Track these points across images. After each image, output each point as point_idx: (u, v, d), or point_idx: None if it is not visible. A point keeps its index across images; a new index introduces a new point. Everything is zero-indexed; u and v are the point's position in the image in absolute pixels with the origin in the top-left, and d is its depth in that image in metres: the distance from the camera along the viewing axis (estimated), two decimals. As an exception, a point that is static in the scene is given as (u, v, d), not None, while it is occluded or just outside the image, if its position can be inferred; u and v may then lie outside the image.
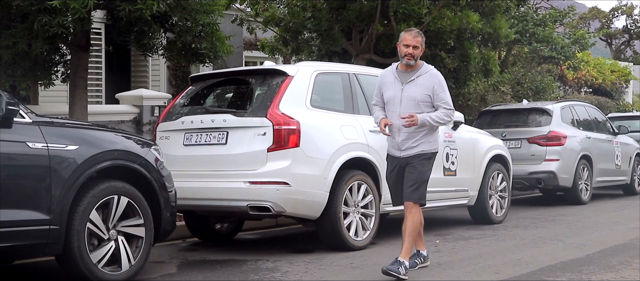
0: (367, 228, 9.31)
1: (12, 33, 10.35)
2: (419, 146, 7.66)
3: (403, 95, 7.65)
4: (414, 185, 7.58)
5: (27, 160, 6.54)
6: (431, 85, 7.65)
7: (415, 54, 7.63)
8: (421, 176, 7.63)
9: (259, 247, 9.91)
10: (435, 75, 7.74)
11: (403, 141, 7.68)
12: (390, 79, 7.81)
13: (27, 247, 6.60)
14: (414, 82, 7.66)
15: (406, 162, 7.68)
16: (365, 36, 15.09)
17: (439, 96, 7.66)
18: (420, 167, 7.63)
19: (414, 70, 7.71)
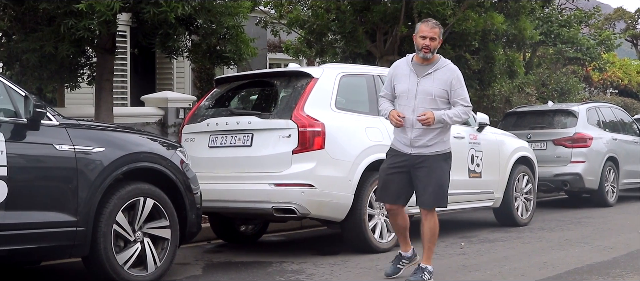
0: (392, 230, 9.27)
1: (38, 36, 10.45)
2: (435, 145, 7.25)
3: (419, 88, 7.21)
4: (435, 189, 7.23)
5: (54, 162, 6.59)
6: (449, 80, 7.23)
7: (432, 46, 7.21)
8: (442, 179, 7.28)
9: (284, 249, 9.92)
10: (454, 69, 7.33)
11: (417, 137, 7.23)
12: (404, 71, 7.35)
13: (54, 248, 6.64)
14: (431, 75, 7.23)
15: (418, 162, 7.25)
16: (389, 38, 15.08)
17: (456, 92, 7.25)
18: (440, 169, 7.26)
19: (431, 64, 7.28)
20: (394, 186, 7.35)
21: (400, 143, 7.34)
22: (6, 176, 6.22)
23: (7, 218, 6.22)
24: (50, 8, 9.84)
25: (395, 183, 7.35)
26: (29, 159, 6.47)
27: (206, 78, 19.17)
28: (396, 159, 7.36)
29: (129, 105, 17.29)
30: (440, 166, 7.26)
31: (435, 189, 7.23)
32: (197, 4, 10.26)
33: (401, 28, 14.23)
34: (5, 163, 6.24)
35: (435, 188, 7.23)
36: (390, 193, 7.41)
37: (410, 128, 7.23)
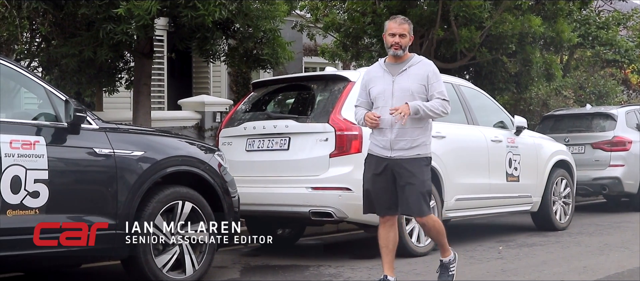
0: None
1: (77, 41, 10.53)
2: (416, 148, 6.81)
3: (395, 87, 6.84)
4: (420, 198, 6.77)
5: (94, 166, 6.66)
6: (425, 74, 6.88)
7: (402, 42, 6.86)
8: (425, 186, 6.81)
9: (321, 253, 9.93)
10: (429, 64, 6.99)
11: (397, 139, 6.80)
12: (378, 73, 7.00)
13: (94, 251, 6.69)
14: (406, 72, 6.89)
15: (398, 166, 6.80)
16: (425, 41, 15.01)
17: (433, 86, 6.88)
18: (421, 175, 6.79)
19: (404, 61, 6.94)
20: (382, 195, 6.88)
21: (379, 147, 6.90)
22: (47, 179, 6.30)
23: (47, 221, 6.28)
24: (89, 13, 9.92)
25: (382, 192, 6.88)
26: (69, 163, 6.54)
27: (242, 82, 19.22)
28: (377, 165, 6.89)
29: (166, 109, 17.39)
30: (422, 171, 6.82)
31: (420, 198, 6.77)
32: (234, 7, 10.29)
33: (437, 31, 14.16)
34: (46, 167, 6.31)
35: (420, 196, 6.78)
36: (380, 204, 6.92)
37: (389, 129, 6.82)
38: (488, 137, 10.37)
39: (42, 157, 6.30)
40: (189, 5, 9.65)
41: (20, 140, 6.24)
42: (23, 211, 6.20)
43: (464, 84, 11.00)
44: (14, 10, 10.10)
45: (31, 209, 6.24)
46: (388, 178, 6.85)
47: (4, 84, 7.57)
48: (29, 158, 6.24)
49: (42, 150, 6.32)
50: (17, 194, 6.17)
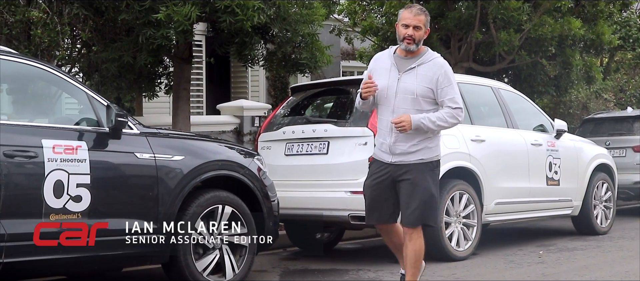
0: (469, 238, 9.21)
1: (118, 46, 10.64)
2: (419, 152, 6.19)
3: (399, 86, 6.17)
4: (420, 205, 6.15)
5: (136, 170, 6.72)
6: (435, 76, 6.16)
7: (416, 36, 6.14)
8: (426, 193, 6.18)
9: (360, 257, 9.91)
10: (441, 64, 6.23)
11: (397, 143, 6.20)
12: (385, 65, 6.30)
13: (135, 255, 6.75)
14: (414, 71, 6.18)
15: (400, 172, 6.21)
16: (464, 44, 14.97)
17: (444, 91, 6.16)
18: (424, 181, 6.17)
19: (415, 57, 6.23)
20: (383, 203, 6.34)
21: (381, 151, 6.34)
22: (89, 184, 6.36)
23: (89, 226, 6.35)
24: (129, 19, 10.01)
25: (383, 200, 6.33)
26: (111, 167, 6.61)
27: (280, 86, 19.28)
28: (379, 172, 6.33)
29: (204, 113, 17.49)
30: (425, 177, 6.19)
31: (420, 205, 6.16)
32: (272, 12, 10.33)
33: (476, 34, 14.11)
34: (88, 172, 6.38)
35: (420, 204, 6.16)
36: (381, 212, 6.38)
37: (389, 133, 6.23)
38: (528, 141, 10.31)
39: (84, 162, 6.37)
40: (228, 10, 9.69)
41: (62, 145, 6.30)
42: (65, 215, 6.27)
43: (503, 87, 10.94)
44: (55, 16, 10.22)
45: (74, 213, 6.30)
46: (388, 185, 6.28)
47: (46, 90, 7.70)
48: (71, 163, 6.30)
49: (84, 154, 6.39)
50: (60, 198, 6.24)
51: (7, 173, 6.02)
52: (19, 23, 10.14)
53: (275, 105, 15.76)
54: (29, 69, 6.76)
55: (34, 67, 6.76)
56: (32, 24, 10.11)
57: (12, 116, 6.93)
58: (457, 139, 9.21)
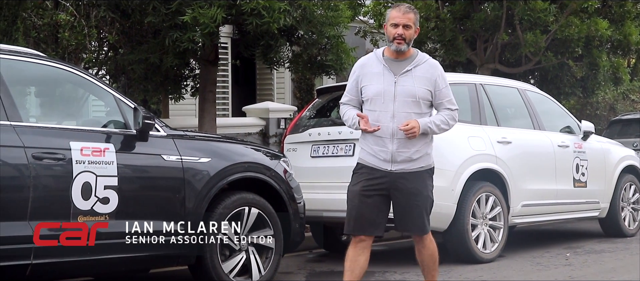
0: (496, 240, 9.17)
1: (144, 49, 10.71)
2: (421, 159, 5.91)
3: (397, 89, 5.84)
4: (426, 213, 5.97)
5: (163, 173, 6.76)
6: (433, 78, 5.92)
7: (406, 35, 5.82)
8: (429, 200, 5.99)
9: (386, 259, 9.90)
10: (437, 65, 6.01)
11: (400, 150, 5.84)
12: (376, 69, 5.93)
13: (162, 257, 6.81)
14: (411, 73, 5.88)
15: (400, 180, 5.86)
16: (489, 45, 14.92)
17: (442, 92, 5.97)
18: (425, 189, 5.94)
19: (408, 59, 5.93)
20: (371, 213, 5.92)
21: (377, 159, 5.90)
22: (117, 186, 6.41)
23: (117, 227, 6.40)
24: (156, 21, 10.06)
25: (376, 210, 5.92)
26: (138, 169, 6.66)
27: (306, 88, 19.29)
28: (373, 180, 5.90)
29: (230, 115, 17.53)
30: (425, 185, 5.96)
31: (426, 212, 5.99)
32: (298, 14, 10.35)
33: (502, 35, 14.05)
34: (115, 174, 6.43)
35: (426, 212, 5.99)
36: (367, 223, 5.94)
37: (391, 139, 5.84)
38: (555, 142, 10.26)
39: (111, 164, 6.41)
40: (254, 13, 9.72)
41: (90, 147, 6.36)
42: (93, 217, 6.31)
43: (529, 89, 10.89)
44: (83, 19, 10.31)
45: (101, 215, 6.35)
46: (382, 194, 5.91)
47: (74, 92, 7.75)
48: (99, 165, 6.35)
49: (112, 157, 6.44)
50: (88, 200, 6.29)
51: (35, 175, 6.08)
52: (46, 26, 10.25)
53: (300, 107, 15.78)
54: (57, 71, 6.83)
55: (62, 70, 6.83)
56: (59, 27, 10.21)
57: (41, 118, 7.01)
58: (484, 141, 9.19)
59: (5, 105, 6.12)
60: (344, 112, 6.08)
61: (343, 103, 6.11)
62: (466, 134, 9.10)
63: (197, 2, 9.62)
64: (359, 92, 6.00)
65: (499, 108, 9.82)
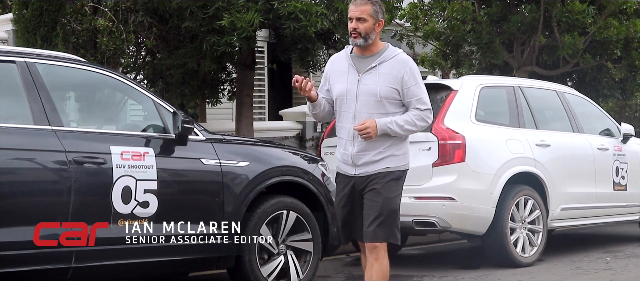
0: (534, 244, 9.11)
1: (182, 53, 10.77)
2: (383, 161, 5.44)
3: (360, 88, 5.42)
4: (378, 218, 5.38)
5: (202, 176, 6.79)
6: (399, 75, 5.40)
7: (361, 28, 5.36)
8: (388, 205, 5.40)
9: (424, 263, 9.87)
10: (405, 61, 5.46)
11: (359, 153, 5.44)
12: (342, 67, 5.54)
13: (201, 260, 6.84)
14: (375, 70, 5.42)
15: (364, 184, 5.47)
16: (526, 48, 14.81)
17: (410, 90, 5.43)
18: (386, 191, 5.41)
19: (374, 55, 5.46)
20: (356, 220, 5.57)
21: (343, 164, 5.58)
22: (156, 190, 6.44)
23: (157, 231, 6.44)
24: (194, 26, 10.12)
25: (355, 216, 5.57)
26: (177, 174, 6.69)
27: (342, 91, 19.24)
28: (344, 187, 5.58)
29: (266, 119, 17.57)
30: (387, 187, 5.42)
31: (384, 218, 5.40)
32: (335, 18, 10.36)
33: (539, 37, 13.94)
34: (155, 178, 6.46)
35: (384, 217, 5.40)
36: (352, 229, 5.64)
37: (351, 141, 5.47)
38: (594, 145, 10.16)
39: (151, 168, 6.45)
40: (291, 16, 9.74)
41: (130, 151, 6.40)
42: (133, 221, 6.35)
43: (568, 91, 10.80)
44: (121, 24, 10.40)
45: (141, 219, 6.39)
46: (356, 199, 5.54)
47: (113, 97, 7.82)
48: (138, 169, 6.39)
49: (151, 161, 6.47)
50: (128, 204, 6.33)
51: (76, 179, 6.12)
52: (85, 31, 10.34)
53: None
54: (97, 76, 6.89)
55: (102, 75, 6.89)
56: (98, 33, 10.30)
57: (81, 123, 7.07)
58: (522, 144, 9.14)
59: (46, 110, 6.18)
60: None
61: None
62: (505, 137, 9.06)
63: (234, 6, 9.66)
64: (328, 90, 5.63)
65: (537, 111, 9.76)
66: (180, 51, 10.88)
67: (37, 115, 6.14)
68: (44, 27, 9.32)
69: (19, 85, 6.20)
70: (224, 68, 11.99)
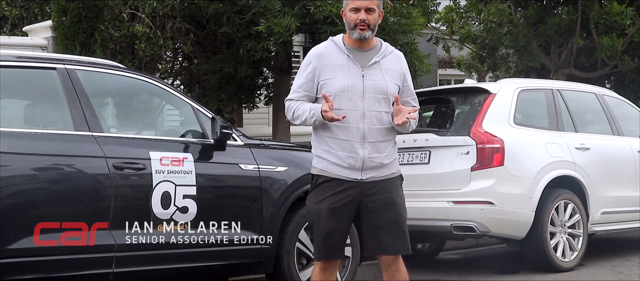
0: (575, 248, 9.01)
1: (219, 59, 10.83)
2: (392, 165, 5.13)
3: (366, 84, 5.00)
4: (398, 228, 5.09)
5: (240, 182, 6.79)
6: (401, 72, 5.16)
7: (370, 20, 4.98)
8: (404, 214, 5.16)
9: (462, 267, 9.81)
10: (403, 57, 5.25)
11: (372, 156, 4.99)
12: (337, 60, 5.05)
13: (240, 265, 6.84)
14: (379, 65, 5.07)
15: (371, 191, 5.03)
16: (564, 50, 14.73)
17: (409, 88, 5.21)
18: (399, 198, 5.14)
19: (373, 48, 5.11)
20: (342, 232, 5.10)
21: (343, 168, 5.02)
22: (195, 195, 6.45)
23: (196, 236, 6.45)
24: (230, 31, 10.16)
25: (343, 229, 5.10)
26: (216, 179, 6.70)
27: (378, 95, 19.22)
28: (341, 193, 5.01)
29: (302, 124, 17.57)
30: (399, 194, 5.17)
31: (403, 228, 5.15)
32: (371, 22, 10.34)
33: (577, 40, 13.85)
34: (194, 183, 6.47)
35: (403, 227, 5.15)
36: (338, 245, 5.12)
37: (361, 143, 4.99)
38: (634, 148, 10.04)
39: (190, 173, 6.46)
40: (327, 21, 9.74)
41: (169, 157, 6.41)
42: (173, 226, 6.37)
43: (607, 94, 10.68)
44: (158, 30, 10.47)
45: (180, 224, 6.40)
46: (351, 210, 5.06)
47: (151, 102, 7.86)
48: (178, 175, 6.40)
49: (190, 166, 6.48)
50: (167, 209, 6.35)
51: (116, 185, 6.16)
52: (123, 38, 10.42)
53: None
54: (136, 82, 6.93)
55: (141, 81, 6.92)
56: (136, 39, 10.38)
57: (120, 129, 7.12)
58: (561, 147, 9.04)
59: (87, 116, 6.22)
60: (294, 108, 5.12)
61: (291, 100, 5.17)
62: (543, 141, 8.98)
63: (271, 11, 9.68)
64: (314, 88, 5.08)
65: (576, 113, 9.66)
66: (217, 56, 10.93)
67: (77, 121, 6.18)
68: (82, 34, 9.41)
69: (59, 92, 6.25)
70: (260, 73, 12.03)
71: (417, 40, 11.71)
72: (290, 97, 5.16)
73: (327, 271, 5.14)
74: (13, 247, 5.71)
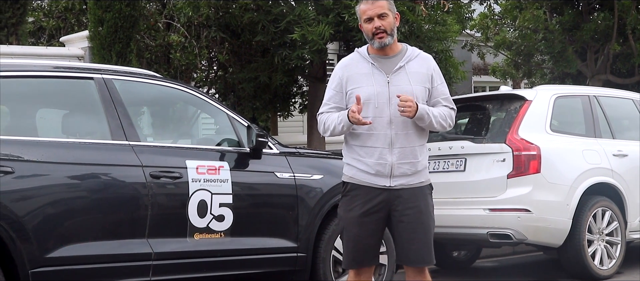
0: (613, 256, 8.91)
1: (253, 67, 10.86)
2: (420, 174, 5.01)
3: (392, 90, 4.91)
4: (425, 239, 4.95)
5: (276, 190, 6.80)
6: (428, 73, 5.04)
7: (386, 25, 4.91)
8: (432, 225, 5.05)
9: (498, 275, 9.75)
10: (430, 59, 5.14)
11: (400, 162, 4.91)
12: (363, 69, 5.00)
13: (276, 274, 6.84)
14: (404, 70, 4.97)
15: (399, 198, 4.93)
16: (600, 56, 14.62)
17: (438, 89, 5.07)
18: (427, 208, 5.00)
19: (398, 54, 5.03)
20: (373, 239, 5.04)
21: (370, 175, 4.96)
22: (231, 203, 6.47)
23: (232, 244, 6.47)
24: (265, 40, 10.20)
25: (376, 239, 5.06)
26: (252, 187, 6.72)
27: (412, 103, 19.18)
28: (371, 201, 4.96)
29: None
30: (428, 204, 5.02)
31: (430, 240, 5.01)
32: (406, 29, 10.34)
33: (614, 45, 13.75)
34: (230, 191, 6.49)
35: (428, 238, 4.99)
36: (371, 252, 5.07)
37: (389, 149, 4.92)
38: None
39: (226, 182, 6.48)
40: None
41: (205, 165, 6.44)
42: (209, 234, 6.40)
43: (645, 100, 10.58)
44: (193, 39, 10.53)
45: (217, 232, 6.43)
46: (380, 218, 4.99)
47: (186, 111, 7.90)
48: (214, 183, 6.43)
49: (227, 175, 6.51)
50: (204, 218, 6.37)
51: (153, 193, 6.19)
52: (159, 47, 10.51)
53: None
54: (172, 91, 6.97)
55: (177, 90, 6.96)
56: (171, 48, 10.45)
57: (157, 138, 7.16)
58: (599, 154, 8.96)
59: (124, 125, 6.26)
60: (324, 120, 5.08)
61: (321, 113, 5.13)
62: (580, 147, 8.90)
63: (305, 20, 9.70)
64: (343, 99, 5.05)
65: (613, 120, 9.57)
66: (252, 65, 10.97)
67: (114, 130, 6.23)
68: (118, 44, 9.49)
69: (97, 101, 6.30)
70: (295, 81, 12.06)
71: (451, 48, 11.68)
72: (321, 111, 5.14)
73: (360, 279, 5.09)
74: (51, 256, 5.76)
